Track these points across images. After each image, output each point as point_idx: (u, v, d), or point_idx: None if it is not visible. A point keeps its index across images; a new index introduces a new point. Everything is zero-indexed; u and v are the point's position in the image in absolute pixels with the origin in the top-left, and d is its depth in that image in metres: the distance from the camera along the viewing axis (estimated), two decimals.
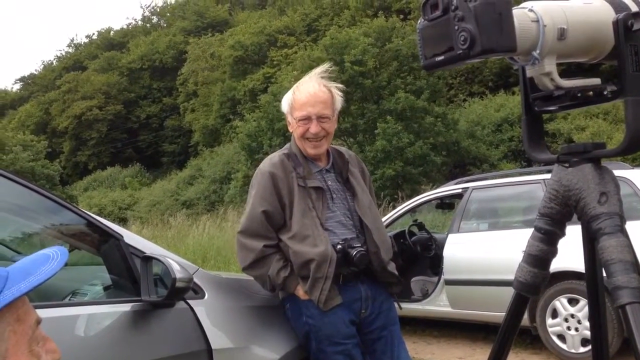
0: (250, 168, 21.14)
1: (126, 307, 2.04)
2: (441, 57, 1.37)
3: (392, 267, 2.67)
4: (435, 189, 8.12)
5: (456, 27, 1.31)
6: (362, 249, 2.52)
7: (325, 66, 2.71)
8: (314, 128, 2.57)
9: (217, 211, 20.86)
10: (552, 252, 1.53)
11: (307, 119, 2.57)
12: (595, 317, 1.57)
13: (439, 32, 1.37)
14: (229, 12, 47.81)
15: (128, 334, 2.02)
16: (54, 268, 0.98)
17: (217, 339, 2.27)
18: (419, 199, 6.93)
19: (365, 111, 20.90)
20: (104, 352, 1.92)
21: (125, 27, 55.36)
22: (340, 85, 2.72)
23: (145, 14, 61.46)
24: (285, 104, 2.69)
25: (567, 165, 1.51)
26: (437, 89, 21.79)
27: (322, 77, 2.66)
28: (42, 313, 1.14)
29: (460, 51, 1.31)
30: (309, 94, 2.59)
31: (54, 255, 1.01)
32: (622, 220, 1.42)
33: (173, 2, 54.25)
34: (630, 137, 1.42)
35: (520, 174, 6.74)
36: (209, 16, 46.49)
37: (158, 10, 55.40)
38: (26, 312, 0.98)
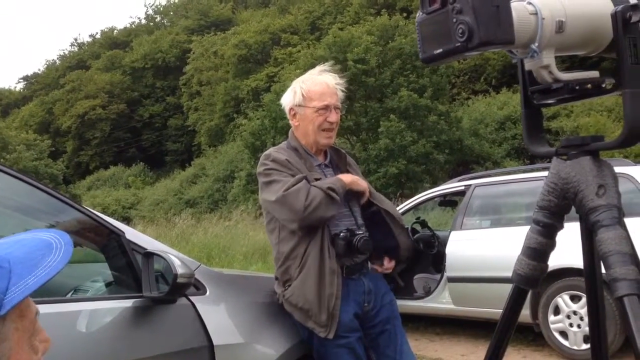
0: (253, 167, 21.13)
1: (128, 303, 2.05)
2: (439, 50, 1.37)
3: None
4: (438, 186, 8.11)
5: (454, 20, 1.31)
6: (365, 235, 2.54)
7: (326, 65, 2.77)
8: (333, 117, 2.63)
9: (221, 210, 20.89)
10: (551, 244, 1.53)
11: (326, 108, 2.62)
12: (594, 309, 1.57)
13: (437, 25, 1.37)
14: (232, 11, 47.85)
15: (130, 329, 2.02)
16: (61, 259, 0.88)
17: (219, 335, 2.27)
18: (422, 196, 6.92)
19: (369, 109, 20.91)
20: (106, 347, 1.92)
21: (128, 26, 55.60)
22: (340, 82, 2.75)
23: (148, 13, 61.64)
24: (294, 97, 2.69)
25: (565, 157, 1.51)
26: (441, 87, 21.77)
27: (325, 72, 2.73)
28: (44, 309, 1.12)
29: (459, 44, 1.31)
30: (326, 85, 2.65)
31: (56, 243, 0.91)
32: (620, 212, 1.41)
33: (176, 0, 54.34)
34: (628, 130, 1.42)
35: (524, 172, 6.71)
36: (212, 15, 46.53)
37: (161, 9, 55.55)
38: (27, 305, 0.90)
